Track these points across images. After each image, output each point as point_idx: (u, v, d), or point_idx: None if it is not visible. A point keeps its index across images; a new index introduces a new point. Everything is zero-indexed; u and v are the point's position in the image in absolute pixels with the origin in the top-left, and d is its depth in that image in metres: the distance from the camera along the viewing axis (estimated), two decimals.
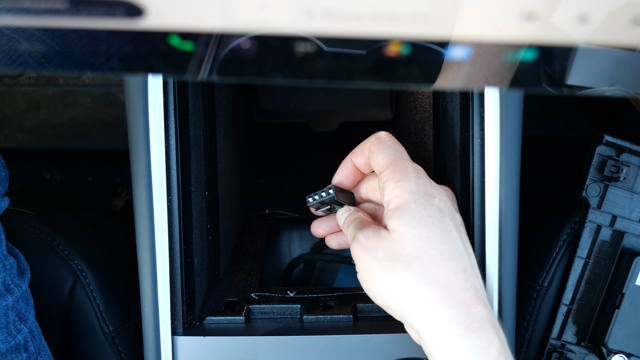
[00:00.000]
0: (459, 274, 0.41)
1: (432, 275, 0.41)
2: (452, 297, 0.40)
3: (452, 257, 0.42)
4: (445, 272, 0.41)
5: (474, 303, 0.41)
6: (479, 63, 0.39)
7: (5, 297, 0.48)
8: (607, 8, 0.34)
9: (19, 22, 0.35)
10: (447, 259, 0.41)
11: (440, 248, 0.42)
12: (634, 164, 0.57)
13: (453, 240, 0.43)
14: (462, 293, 0.41)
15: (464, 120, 0.49)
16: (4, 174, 0.51)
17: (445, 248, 0.42)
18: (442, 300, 0.40)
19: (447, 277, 0.41)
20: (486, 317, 0.40)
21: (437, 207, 0.43)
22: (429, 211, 0.43)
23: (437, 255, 0.41)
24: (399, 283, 0.41)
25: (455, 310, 0.40)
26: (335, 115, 0.94)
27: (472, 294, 0.41)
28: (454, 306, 0.40)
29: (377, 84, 0.39)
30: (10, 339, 0.48)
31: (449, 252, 0.42)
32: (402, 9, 0.34)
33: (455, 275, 0.41)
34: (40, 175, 1.08)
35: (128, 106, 0.46)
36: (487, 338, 0.39)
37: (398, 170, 0.45)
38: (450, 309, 0.40)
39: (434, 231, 0.42)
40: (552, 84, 0.40)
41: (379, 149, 0.47)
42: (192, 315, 0.51)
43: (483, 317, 0.40)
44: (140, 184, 0.47)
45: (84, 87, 0.98)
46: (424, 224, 0.42)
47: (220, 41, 0.37)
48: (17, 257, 0.52)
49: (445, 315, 0.40)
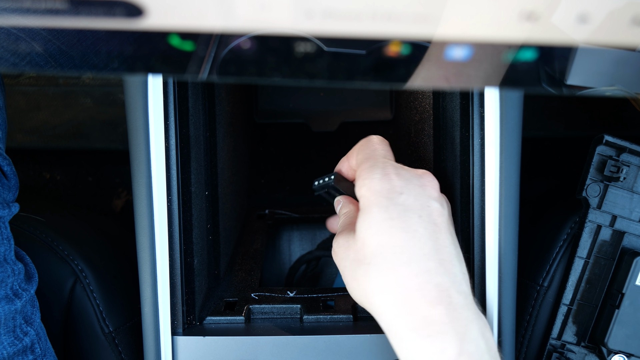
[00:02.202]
0: (419, 276, 0.40)
1: (389, 282, 0.41)
2: (409, 303, 0.40)
3: (412, 259, 0.41)
4: (403, 276, 0.40)
5: (434, 305, 0.40)
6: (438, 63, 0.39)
7: (14, 302, 0.48)
8: (607, 8, 0.34)
9: (24, 22, 0.35)
10: (405, 263, 0.41)
11: (399, 252, 0.41)
12: (634, 164, 0.57)
13: (417, 241, 0.41)
14: (421, 297, 0.40)
15: (464, 120, 0.49)
16: (15, 181, 0.52)
17: (404, 251, 0.41)
18: (399, 306, 0.40)
19: (405, 282, 0.40)
20: (446, 318, 0.39)
21: (403, 205, 0.42)
22: (392, 213, 0.42)
23: (395, 261, 0.41)
24: (363, 290, 0.42)
25: (410, 316, 0.40)
26: (335, 115, 0.94)
27: (433, 296, 0.40)
28: (409, 312, 0.40)
29: (377, 84, 0.39)
30: (17, 342, 0.49)
31: (409, 255, 0.41)
32: (402, 9, 0.34)
33: (415, 279, 0.40)
34: (40, 175, 1.08)
35: (128, 106, 0.46)
36: (443, 341, 0.39)
37: (366, 168, 0.45)
38: (405, 315, 0.40)
39: (394, 235, 0.41)
40: (552, 84, 0.40)
41: (360, 149, 0.48)
42: (192, 315, 0.51)
43: (441, 320, 0.39)
44: (140, 184, 0.47)
45: (84, 87, 0.98)
46: (385, 228, 0.42)
47: (220, 41, 0.37)
48: (24, 261, 0.53)
49: (401, 321, 0.40)
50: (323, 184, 0.50)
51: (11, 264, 0.49)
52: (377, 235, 0.42)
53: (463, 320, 0.40)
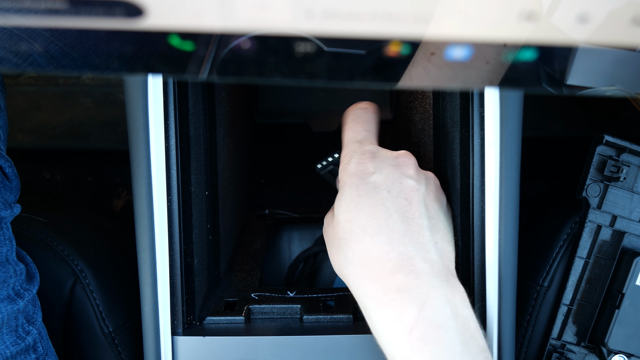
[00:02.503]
0: (382, 246, 0.42)
1: (355, 254, 0.43)
2: (369, 272, 0.42)
3: (376, 231, 0.43)
4: (366, 247, 0.42)
5: (393, 274, 0.41)
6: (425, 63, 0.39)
7: (17, 302, 0.48)
8: (607, 8, 0.34)
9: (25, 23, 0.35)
10: (370, 235, 0.43)
11: (364, 226, 0.43)
12: (634, 164, 0.57)
13: (382, 213, 0.43)
14: (381, 266, 0.41)
15: (464, 120, 0.49)
16: (16, 182, 0.52)
17: (370, 224, 0.43)
18: (361, 277, 0.42)
19: (367, 252, 0.42)
20: (405, 285, 0.40)
21: (373, 183, 0.45)
22: (360, 190, 0.45)
23: (360, 234, 0.43)
24: (338, 263, 0.45)
25: (370, 284, 0.41)
26: (335, 115, 0.94)
27: (393, 265, 0.41)
28: (370, 281, 0.41)
29: (377, 84, 0.39)
30: (19, 341, 0.49)
31: (373, 228, 0.43)
32: (402, 9, 0.34)
33: (377, 249, 0.42)
34: (40, 175, 1.08)
35: (128, 106, 0.46)
36: (400, 308, 0.39)
37: (346, 154, 0.48)
38: (367, 284, 0.41)
39: (360, 210, 0.44)
40: (552, 84, 0.40)
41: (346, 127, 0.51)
42: (192, 316, 0.51)
43: (400, 286, 0.40)
44: (140, 184, 0.47)
45: (84, 87, 0.98)
46: (353, 205, 0.44)
47: (220, 41, 0.37)
48: (25, 261, 0.53)
49: (364, 291, 0.42)
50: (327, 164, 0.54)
51: (13, 264, 0.49)
52: (346, 212, 0.44)
53: (425, 287, 0.41)
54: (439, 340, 0.39)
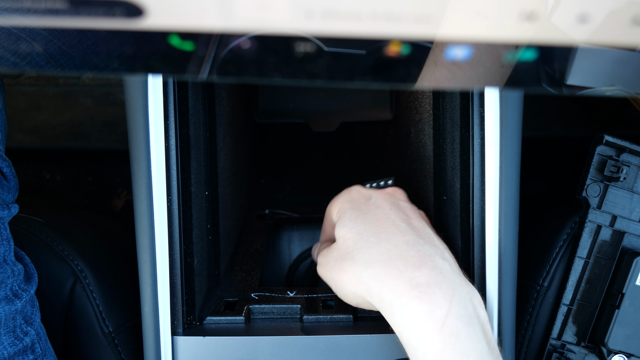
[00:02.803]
0: (400, 246, 0.43)
1: (373, 257, 0.43)
2: (394, 268, 0.41)
3: (391, 235, 0.44)
4: (385, 249, 0.43)
5: (419, 267, 0.41)
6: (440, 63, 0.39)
7: (14, 303, 0.48)
8: (607, 8, 0.34)
9: (24, 22, 0.35)
10: (384, 240, 0.44)
11: (377, 233, 0.44)
12: (634, 164, 0.57)
13: (392, 222, 0.45)
14: (404, 262, 0.42)
15: (464, 120, 0.49)
16: (14, 182, 0.52)
17: (382, 231, 0.44)
18: (384, 276, 0.42)
19: (387, 252, 0.43)
20: (432, 281, 0.40)
21: (373, 204, 0.47)
22: (363, 209, 0.47)
23: (374, 240, 0.44)
24: (351, 277, 0.44)
25: (396, 280, 0.41)
26: (335, 115, 0.94)
27: (416, 260, 0.42)
28: (395, 277, 0.41)
29: (377, 84, 0.39)
30: (17, 342, 0.49)
31: (387, 233, 0.44)
32: (402, 9, 0.34)
33: (396, 249, 0.43)
34: (40, 175, 1.08)
35: (128, 106, 0.46)
36: (431, 302, 0.39)
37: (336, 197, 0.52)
38: (391, 280, 0.41)
39: (369, 223, 0.45)
40: (552, 84, 0.40)
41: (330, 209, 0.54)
42: (192, 315, 0.51)
43: (428, 281, 0.40)
44: (140, 184, 0.47)
45: (84, 87, 0.98)
46: (360, 221, 0.46)
47: (220, 41, 0.37)
48: (23, 261, 0.53)
49: (387, 289, 0.41)
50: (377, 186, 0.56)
51: (11, 264, 0.49)
52: (354, 228, 0.46)
53: (450, 283, 0.41)
54: (468, 337, 0.39)
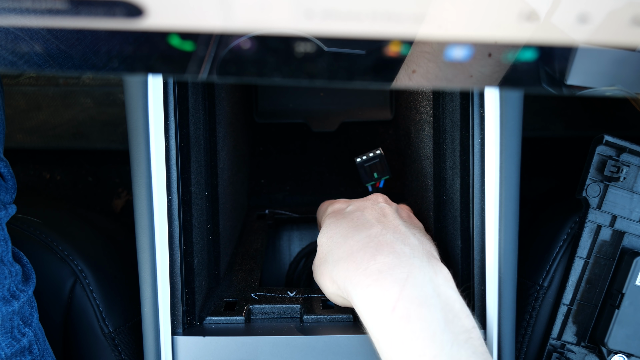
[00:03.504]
0: (362, 240, 0.46)
1: (339, 256, 0.46)
2: (352, 262, 0.44)
3: (356, 232, 0.47)
4: (348, 246, 0.46)
5: (373, 257, 0.44)
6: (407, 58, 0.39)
7: (12, 303, 0.48)
8: (607, 8, 0.34)
9: (24, 22, 0.35)
10: (350, 237, 0.47)
11: (344, 233, 0.48)
12: (634, 164, 0.57)
13: (364, 221, 0.48)
14: (362, 254, 0.44)
15: (464, 120, 0.49)
16: (12, 182, 0.52)
17: (349, 230, 0.48)
18: (345, 270, 0.45)
19: (349, 249, 0.46)
20: (385, 266, 0.43)
21: (350, 211, 0.51)
22: (338, 215, 0.51)
23: (341, 240, 0.47)
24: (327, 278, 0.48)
25: (354, 272, 0.44)
26: (335, 115, 0.94)
27: (374, 250, 0.44)
28: (354, 269, 0.44)
29: (377, 84, 0.39)
30: (15, 342, 0.49)
31: (354, 231, 0.47)
32: (402, 9, 0.34)
33: (357, 244, 0.46)
34: (40, 175, 1.08)
35: (128, 106, 0.46)
36: (382, 287, 0.41)
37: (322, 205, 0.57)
38: (350, 273, 0.44)
39: (340, 225, 0.49)
40: (552, 84, 0.40)
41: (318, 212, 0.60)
42: (192, 315, 0.51)
43: (380, 268, 0.43)
44: (140, 184, 0.47)
45: (84, 87, 0.98)
46: (334, 225, 0.50)
47: (220, 41, 0.37)
48: (21, 262, 0.52)
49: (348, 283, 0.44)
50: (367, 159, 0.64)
51: (8, 265, 0.49)
52: (327, 232, 0.50)
53: (406, 266, 0.42)
54: (420, 317, 0.39)
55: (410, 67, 0.41)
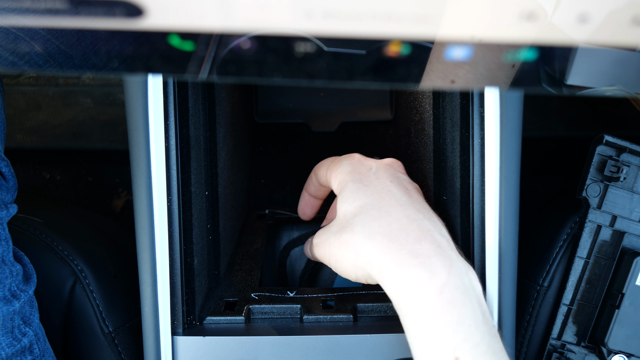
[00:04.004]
0: (401, 220, 0.44)
1: (373, 229, 0.44)
2: (394, 241, 0.43)
3: (392, 208, 0.45)
4: (385, 222, 0.44)
5: (419, 241, 0.43)
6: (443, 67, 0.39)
7: (12, 303, 0.48)
8: (607, 8, 0.34)
9: (24, 22, 0.35)
10: (386, 212, 0.45)
11: (378, 206, 0.45)
12: (634, 164, 0.57)
13: (393, 195, 0.46)
14: (405, 235, 0.43)
15: (464, 120, 0.49)
16: (13, 182, 0.52)
17: (384, 204, 0.45)
18: (385, 247, 0.43)
19: (388, 226, 0.44)
20: (432, 252, 0.42)
21: (374, 175, 0.48)
22: (364, 182, 0.47)
23: (375, 213, 0.45)
24: (352, 249, 0.45)
25: (396, 252, 0.42)
26: (335, 115, 0.94)
27: (417, 234, 0.43)
28: (397, 248, 0.42)
29: (377, 84, 0.39)
30: (15, 342, 0.49)
31: (388, 206, 0.45)
32: (402, 9, 0.34)
33: (397, 222, 0.44)
34: (40, 175, 1.08)
35: (128, 106, 0.46)
36: (431, 270, 0.41)
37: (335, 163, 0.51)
38: (392, 252, 0.42)
39: (370, 195, 0.46)
40: (552, 84, 0.40)
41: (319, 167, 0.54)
42: (192, 315, 0.51)
43: (428, 253, 0.42)
44: (140, 184, 0.47)
45: (84, 87, 0.98)
46: (361, 193, 0.46)
47: (220, 41, 0.37)
48: (22, 261, 0.53)
49: (388, 259, 0.42)
50: None
51: (9, 265, 0.49)
52: (355, 200, 0.46)
53: (448, 257, 0.42)
54: (464, 305, 0.41)
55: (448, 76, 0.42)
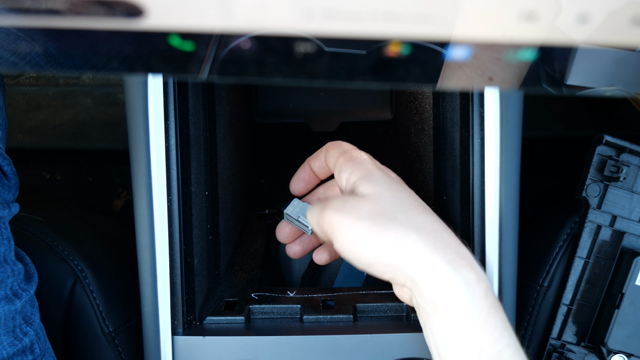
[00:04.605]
0: (438, 222, 0.45)
1: (418, 223, 0.43)
2: (440, 239, 0.43)
3: (428, 211, 0.45)
4: (428, 220, 0.44)
5: (458, 244, 0.43)
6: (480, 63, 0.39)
7: (14, 302, 0.48)
8: (607, 8, 0.34)
9: (24, 22, 0.35)
10: (425, 212, 0.45)
11: (415, 204, 0.45)
12: (634, 164, 0.57)
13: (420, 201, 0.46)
14: (449, 235, 0.43)
15: (464, 120, 0.49)
16: (15, 181, 0.52)
17: (417, 205, 0.45)
18: (432, 242, 0.42)
19: (431, 224, 0.44)
20: (471, 257, 0.43)
21: (395, 179, 0.48)
22: (392, 178, 0.47)
23: (415, 210, 0.44)
24: (388, 236, 0.42)
25: (445, 249, 0.42)
26: (335, 115, 0.94)
27: (454, 238, 0.44)
28: (444, 246, 0.42)
29: (377, 84, 0.39)
30: (17, 342, 0.49)
31: (423, 208, 0.45)
32: (402, 9, 0.34)
33: (436, 223, 0.44)
34: (40, 175, 1.08)
35: (128, 106, 0.46)
36: (477, 273, 0.42)
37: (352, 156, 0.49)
38: (441, 249, 0.42)
39: (404, 192, 0.46)
40: (552, 84, 0.40)
41: (333, 147, 0.52)
42: (192, 315, 0.51)
43: (469, 257, 0.43)
44: (140, 184, 0.47)
45: (84, 87, 0.98)
46: (394, 186, 0.46)
47: (220, 41, 0.37)
48: (23, 261, 0.53)
49: (436, 256, 0.42)
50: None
51: (11, 264, 0.49)
52: (390, 190, 0.45)
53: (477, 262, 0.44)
54: (500, 310, 0.42)
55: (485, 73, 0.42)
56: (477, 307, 0.41)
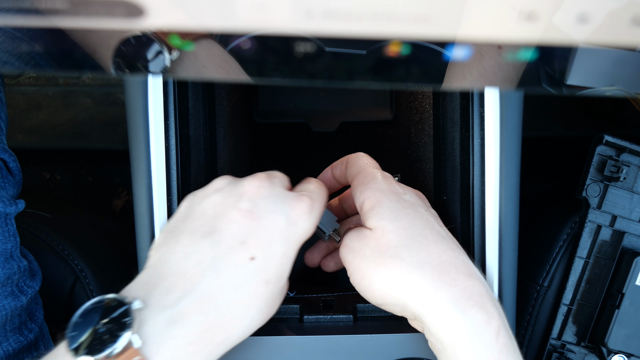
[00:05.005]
0: (448, 252, 0.42)
1: (422, 259, 0.41)
2: (446, 275, 0.41)
3: (437, 239, 0.43)
4: (435, 253, 0.42)
5: (468, 277, 0.41)
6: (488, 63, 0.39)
7: (20, 298, 0.48)
8: (607, 8, 0.34)
9: (24, 22, 0.35)
10: (433, 242, 0.42)
11: (424, 233, 0.43)
12: (634, 164, 0.57)
13: (433, 225, 0.44)
14: (455, 270, 0.41)
15: (464, 120, 0.49)
16: (19, 177, 0.52)
17: (428, 232, 0.43)
18: (436, 280, 0.40)
19: (437, 257, 0.42)
20: (483, 291, 0.41)
21: (409, 201, 0.45)
22: (403, 204, 0.44)
23: (422, 240, 0.42)
24: (391, 274, 0.42)
25: (450, 287, 0.40)
26: (335, 115, 0.94)
27: (465, 270, 0.41)
28: (449, 283, 0.40)
29: (377, 84, 0.39)
30: (22, 338, 0.49)
31: (433, 236, 0.43)
32: (402, 9, 0.34)
33: (445, 254, 0.42)
34: (40, 175, 1.08)
35: (128, 106, 0.46)
36: (486, 312, 0.39)
37: (366, 176, 0.47)
38: (445, 287, 0.40)
39: (413, 220, 0.43)
40: (552, 84, 0.40)
41: (352, 161, 0.50)
42: None
43: (480, 292, 0.40)
44: (140, 184, 0.47)
45: (84, 87, 0.98)
46: (402, 215, 0.43)
47: (220, 41, 0.37)
48: (27, 258, 0.53)
49: (440, 295, 0.40)
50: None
51: (17, 260, 0.49)
52: (396, 221, 0.43)
53: (492, 296, 0.41)
54: (514, 349, 0.40)
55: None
56: (486, 350, 0.39)
